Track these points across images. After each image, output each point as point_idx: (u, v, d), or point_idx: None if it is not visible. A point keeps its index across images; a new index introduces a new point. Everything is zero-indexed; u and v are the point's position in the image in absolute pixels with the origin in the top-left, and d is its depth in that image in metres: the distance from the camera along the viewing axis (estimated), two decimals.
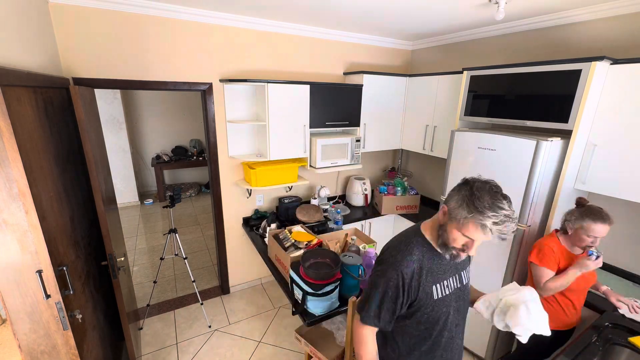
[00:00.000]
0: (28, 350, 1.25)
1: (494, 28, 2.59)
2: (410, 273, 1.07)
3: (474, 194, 0.96)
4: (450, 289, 1.13)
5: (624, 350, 1.48)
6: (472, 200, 0.95)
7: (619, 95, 1.75)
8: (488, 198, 0.94)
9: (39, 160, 1.35)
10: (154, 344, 2.53)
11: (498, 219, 0.92)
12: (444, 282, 1.12)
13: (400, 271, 1.07)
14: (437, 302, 1.10)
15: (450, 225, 1.03)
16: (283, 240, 2.19)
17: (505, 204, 0.94)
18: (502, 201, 0.95)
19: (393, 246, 1.16)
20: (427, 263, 1.10)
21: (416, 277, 1.08)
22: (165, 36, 2.33)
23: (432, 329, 1.13)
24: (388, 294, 1.08)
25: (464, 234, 0.99)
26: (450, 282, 1.13)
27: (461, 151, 2.34)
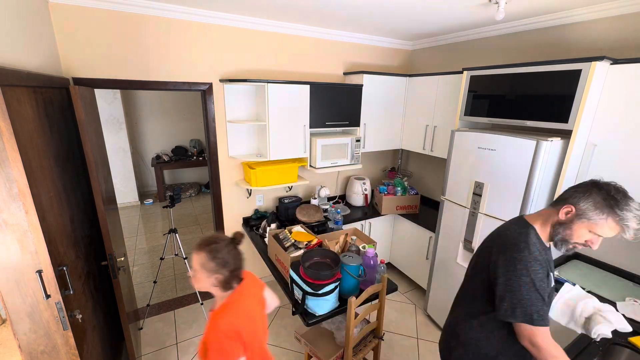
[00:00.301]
0: (28, 350, 1.25)
1: (494, 28, 2.59)
2: (546, 261, 1.12)
3: (615, 197, 1.03)
4: (552, 280, 1.18)
5: (624, 350, 1.48)
6: (618, 203, 1.02)
7: (619, 95, 1.75)
8: (631, 201, 1.02)
9: (39, 160, 1.35)
10: (154, 344, 2.53)
11: (638, 219, 1.00)
12: (552, 273, 1.18)
13: (538, 261, 1.10)
14: (549, 292, 1.14)
15: (578, 224, 1.08)
16: (283, 240, 2.19)
17: (639, 206, 1.03)
18: (637, 204, 1.03)
19: (517, 240, 1.15)
20: (544, 256, 1.14)
21: (546, 265, 1.12)
22: (165, 36, 2.33)
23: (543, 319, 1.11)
24: (538, 288, 1.08)
25: (595, 232, 1.05)
26: (551, 275, 1.18)
27: (461, 151, 2.34)
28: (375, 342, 1.97)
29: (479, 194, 2.23)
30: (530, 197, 1.93)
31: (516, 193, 1.99)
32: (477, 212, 2.25)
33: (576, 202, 1.09)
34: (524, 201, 1.95)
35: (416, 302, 3.10)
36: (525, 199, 1.95)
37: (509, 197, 2.04)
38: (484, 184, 2.19)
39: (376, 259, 1.95)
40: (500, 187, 2.09)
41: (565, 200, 1.12)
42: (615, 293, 1.87)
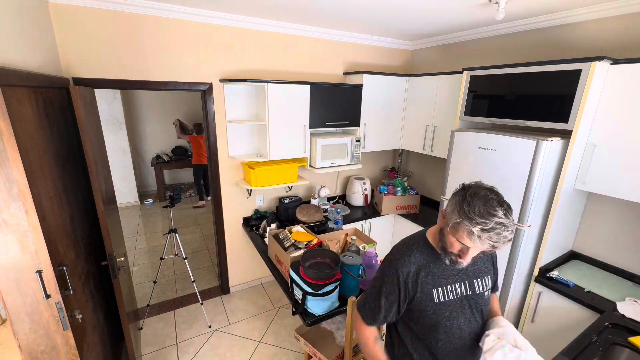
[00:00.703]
0: (28, 350, 1.25)
1: (494, 28, 2.59)
2: (406, 273, 1.08)
3: (465, 199, 0.95)
4: (455, 294, 1.11)
5: (624, 350, 1.48)
6: (462, 205, 0.94)
7: (619, 95, 1.75)
8: (480, 204, 0.92)
9: (39, 160, 1.35)
10: (154, 344, 2.53)
11: (487, 226, 0.89)
12: (447, 287, 1.10)
13: (395, 270, 1.10)
14: (438, 306, 1.09)
15: (446, 229, 1.01)
16: (283, 240, 2.19)
17: (499, 211, 0.91)
18: (496, 208, 0.91)
19: (396, 248, 1.19)
20: (426, 266, 1.10)
21: (413, 278, 1.08)
22: (165, 36, 2.33)
23: (435, 331, 1.11)
24: (382, 292, 1.12)
25: (459, 240, 0.97)
26: (455, 287, 1.11)
27: (461, 151, 2.34)
28: None
29: None
30: (530, 197, 1.93)
31: (516, 193, 1.99)
32: None
33: (447, 205, 1.02)
34: (524, 201, 1.95)
35: None
36: (525, 199, 1.95)
37: (509, 198, 2.00)
38: None
39: (376, 259, 1.95)
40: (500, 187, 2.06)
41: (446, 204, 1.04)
42: (615, 293, 1.88)
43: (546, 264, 2.11)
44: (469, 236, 0.92)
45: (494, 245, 0.91)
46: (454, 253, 1.02)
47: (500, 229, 0.89)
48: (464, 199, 0.95)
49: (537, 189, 1.92)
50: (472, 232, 0.91)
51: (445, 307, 1.10)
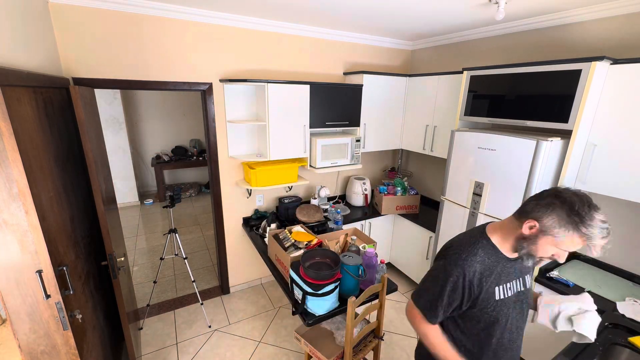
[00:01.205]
0: (28, 350, 1.25)
1: (494, 28, 2.59)
2: (472, 272, 1.10)
3: (578, 212, 0.96)
4: (512, 291, 1.15)
5: (624, 350, 1.48)
6: (581, 219, 0.95)
7: (619, 95, 1.75)
8: (597, 214, 0.95)
9: (39, 160, 1.35)
10: (154, 344, 2.53)
11: (603, 234, 0.94)
12: (507, 285, 1.14)
13: (462, 269, 1.10)
14: (498, 303, 1.12)
15: (543, 239, 1.02)
16: (283, 240, 2.19)
17: (604, 217, 0.96)
18: (602, 215, 0.96)
19: (457, 244, 1.18)
20: (490, 266, 1.11)
21: (477, 277, 1.10)
22: (165, 36, 2.33)
23: (492, 329, 1.14)
24: (446, 290, 1.11)
25: (561, 248, 1.00)
26: (513, 284, 1.15)
27: (461, 151, 2.34)
28: (375, 342, 1.97)
29: (479, 194, 2.23)
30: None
31: (516, 193, 1.99)
32: (477, 212, 2.25)
33: (539, 217, 1.02)
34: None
35: None
36: (525, 199, 1.95)
37: (509, 197, 2.04)
38: (484, 184, 2.19)
39: (376, 259, 1.95)
40: (500, 187, 2.09)
41: (527, 214, 1.05)
42: (615, 293, 1.88)
43: (546, 264, 2.11)
44: (588, 243, 0.96)
45: (604, 249, 0.97)
46: (546, 257, 1.04)
47: (606, 233, 0.95)
48: (578, 214, 0.96)
49: (537, 189, 1.91)
50: (594, 244, 0.95)
51: (504, 304, 1.13)
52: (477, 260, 1.10)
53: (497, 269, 1.12)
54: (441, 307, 1.13)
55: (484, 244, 1.14)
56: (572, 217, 0.96)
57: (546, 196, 1.03)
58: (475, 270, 1.10)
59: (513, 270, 1.14)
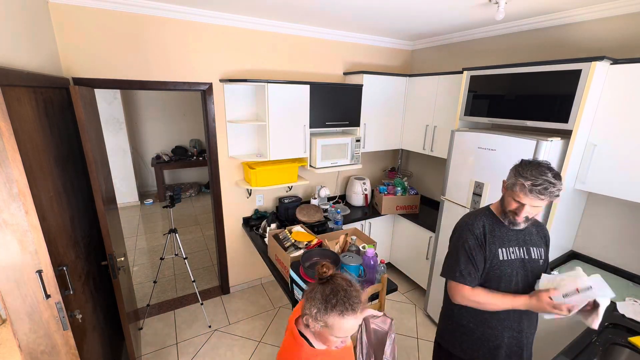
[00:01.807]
0: (28, 350, 1.25)
1: (494, 28, 2.59)
2: (478, 233, 1.34)
3: (521, 165, 1.25)
4: (515, 255, 1.33)
5: (624, 350, 1.48)
6: (518, 169, 1.24)
7: (619, 95, 1.75)
8: (532, 167, 1.21)
9: (39, 160, 1.35)
10: (154, 344, 2.53)
11: (537, 182, 1.17)
12: (509, 248, 1.33)
13: (470, 231, 1.35)
14: (502, 263, 1.31)
15: (506, 193, 1.30)
16: (283, 240, 2.19)
17: (547, 173, 1.18)
18: (546, 172, 1.18)
19: (464, 216, 1.44)
20: (491, 229, 1.34)
21: (481, 238, 1.33)
22: (165, 36, 2.33)
23: (497, 286, 1.32)
24: (467, 251, 1.33)
25: (514, 198, 1.24)
26: (515, 250, 1.33)
27: (461, 151, 2.34)
28: None
29: (479, 194, 2.23)
30: None
31: None
32: None
33: (507, 178, 1.31)
34: None
35: (416, 302, 3.10)
36: None
37: None
38: (484, 184, 2.19)
39: (376, 259, 1.95)
40: (500, 187, 2.09)
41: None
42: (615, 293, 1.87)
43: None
44: (521, 191, 1.20)
45: (541, 197, 1.18)
46: (512, 211, 1.28)
47: (547, 184, 1.17)
48: (520, 165, 1.25)
49: None
50: (523, 186, 1.19)
51: (507, 264, 1.32)
52: (480, 224, 1.35)
53: (497, 232, 1.34)
54: (473, 268, 1.32)
55: (485, 213, 1.40)
56: (518, 167, 1.25)
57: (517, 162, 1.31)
58: (479, 231, 1.34)
59: (514, 237, 1.34)
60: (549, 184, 1.16)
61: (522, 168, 1.23)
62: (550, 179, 1.17)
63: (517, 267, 1.32)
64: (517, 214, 1.27)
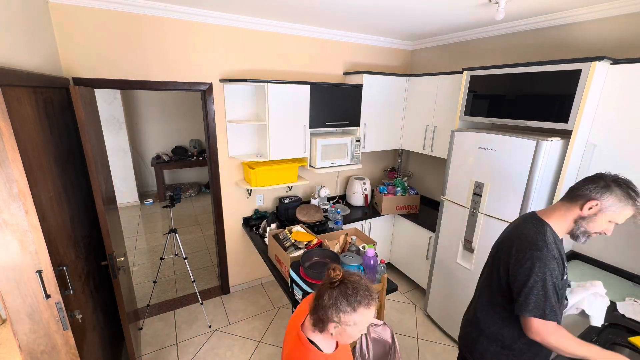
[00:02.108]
0: (28, 350, 1.25)
1: (494, 28, 2.59)
2: (557, 257, 1.20)
3: (634, 190, 1.16)
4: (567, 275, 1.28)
5: (624, 350, 1.47)
6: (637, 195, 1.15)
7: (619, 95, 1.75)
8: (628, 185, 1.16)
9: (39, 160, 1.35)
10: (154, 344, 2.53)
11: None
12: (565, 268, 1.26)
13: (556, 259, 1.19)
14: (563, 283, 1.24)
15: (601, 216, 1.18)
16: (283, 240, 2.19)
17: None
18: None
19: (538, 239, 1.22)
20: (558, 246, 1.22)
21: (560, 264, 1.20)
22: (165, 36, 2.33)
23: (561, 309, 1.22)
24: (555, 283, 1.17)
25: (615, 221, 1.18)
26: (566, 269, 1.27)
27: (461, 151, 2.34)
28: None
29: (479, 194, 2.23)
30: (530, 197, 1.93)
31: (516, 193, 1.99)
32: (477, 212, 2.25)
33: (599, 197, 1.17)
34: (524, 201, 1.95)
35: (416, 302, 3.10)
36: (525, 199, 1.95)
37: (509, 197, 2.04)
38: (484, 184, 2.19)
39: (376, 259, 1.95)
40: (500, 187, 2.09)
41: (586, 196, 1.19)
42: (615, 293, 1.87)
43: None
44: (636, 216, 1.17)
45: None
46: (598, 232, 1.21)
47: None
48: (634, 191, 1.16)
49: (537, 189, 1.92)
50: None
51: (565, 283, 1.27)
52: (555, 246, 1.20)
53: (560, 249, 1.23)
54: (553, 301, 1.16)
55: (551, 231, 1.23)
56: (628, 194, 1.15)
57: (599, 179, 1.20)
58: (559, 254, 1.21)
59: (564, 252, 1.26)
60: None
61: (637, 192, 1.16)
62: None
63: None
64: (606, 232, 1.21)
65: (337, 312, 0.94)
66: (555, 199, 1.95)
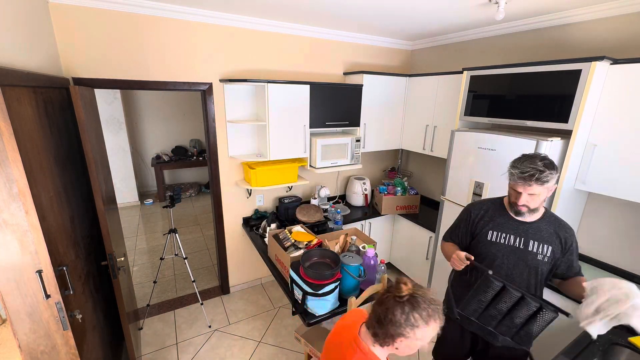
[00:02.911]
0: (28, 350, 1.25)
1: (494, 28, 2.59)
2: (475, 214, 1.57)
3: (518, 158, 1.38)
4: (505, 240, 1.47)
5: (624, 350, 1.47)
6: (514, 161, 1.37)
7: (619, 95, 1.75)
8: (525, 159, 1.34)
9: (39, 160, 1.35)
10: (154, 344, 2.53)
11: (525, 169, 1.29)
12: (501, 233, 1.48)
13: (469, 210, 1.61)
14: (488, 243, 1.49)
15: (508, 185, 1.43)
16: (283, 240, 2.19)
17: (538, 163, 1.29)
18: (536, 161, 1.30)
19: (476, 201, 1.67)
20: (492, 214, 1.53)
21: (478, 219, 1.55)
22: (165, 36, 2.33)
23: (491, 265, 1.46)
24: (457, 222, 1.66)
25: (512, 187, 1.39)
26: (509, 237, 1.46)
27: (461, 151, 2.34)
28: None
29: (479, 194, 2.23)
30: None
31: None
32: None
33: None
34: None
35: None
36: None
37: None
38: (484, 184, 2.19)
39: (376, 259, 1.95)
40: (500, 187, 2.09)
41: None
42: None
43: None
44: (511, 179, 1.36)
45: (530, 184, 1.29)
46: (513, 201, 1.41)
47: (535, 171, 1.28)
48: (516, 159, 1.38)
49: None
50: (512, 174, 1.34)
51: (494, 246, 1.48)
52: (483, 208, 1.57)
53: (497, 219, 1.50)
54: (454, 232, 1.67)
55: (494, 201, 1.58)
56: (512, 162, 1.39)
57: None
58: (477, 213, 1.57)
59: (514, 227, 1.46)
60: (536, 171, 1.27)
61: (516, 160, 1.37)
62: (539, 166, 1.28)
63: (507, 253, 1.46)
64: (517, 202, 1.38)
65: (410, 328, 0.92)
66: (556, 199, 1.95)
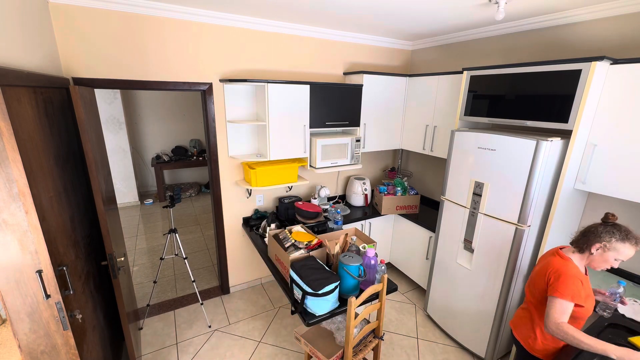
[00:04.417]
0: (28, 350, 1.25)
1: (494, 28, 2.59)
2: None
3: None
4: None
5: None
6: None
7: (619, 95, 1.75)
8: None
9: (39, 160, 1.35)
10: (154, 344, 2.53)
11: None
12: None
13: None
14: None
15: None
16: (283, 240, 2.19)
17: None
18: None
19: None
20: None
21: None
22: (165, 36, 2.33)
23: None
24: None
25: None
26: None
27: (461, 151, 2.34)
28: (375, 342, 1.97)
29: (479, 194, 2.23)
30: (530, 197, 1.93)
31: (516, 193, 1.99)
32: (477, 212, 2.25)
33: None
34: (524, 201, 1.95)
35: (416, 302, 3.10)
36: (525, 199, 1.95)
37: (509, 197, 2.04)
38: (484, 184, 2.19)
39: (376, 259, 1.95)
40: (500, 187, 2.09)
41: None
42: None
43: None
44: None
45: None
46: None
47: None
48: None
49: (537, 189, 1.92)
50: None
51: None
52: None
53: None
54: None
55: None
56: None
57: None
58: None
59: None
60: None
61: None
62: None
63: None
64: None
65: (609, 236, 1.35)
66: (555, 199, 1.95)
